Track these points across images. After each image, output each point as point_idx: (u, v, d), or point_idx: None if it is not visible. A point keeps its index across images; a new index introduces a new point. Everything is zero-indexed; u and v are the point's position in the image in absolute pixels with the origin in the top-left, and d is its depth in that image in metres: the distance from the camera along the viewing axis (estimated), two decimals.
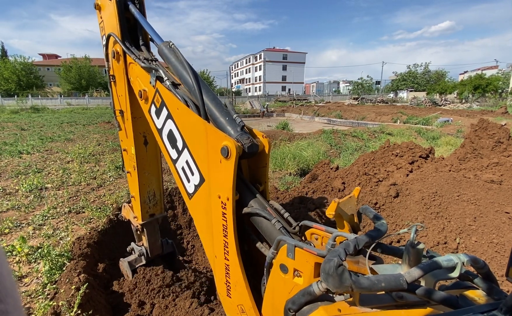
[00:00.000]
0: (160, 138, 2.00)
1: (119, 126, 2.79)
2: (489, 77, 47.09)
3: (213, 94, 1.83)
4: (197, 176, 1.71)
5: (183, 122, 1.76)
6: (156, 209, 3.12)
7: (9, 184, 5.86)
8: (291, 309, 1.15)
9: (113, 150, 9.27)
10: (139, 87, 2.14)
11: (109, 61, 2.56)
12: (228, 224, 1.52)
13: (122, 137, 2.83)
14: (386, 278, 0.94)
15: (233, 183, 1.46)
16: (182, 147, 1.80)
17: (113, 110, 2.74)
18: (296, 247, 1.26)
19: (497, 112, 21.15)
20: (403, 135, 12.86)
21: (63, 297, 2.63)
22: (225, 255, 1.60)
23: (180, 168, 1.85)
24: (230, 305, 1.69)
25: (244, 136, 1.55)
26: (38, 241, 3.73)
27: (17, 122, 18.11)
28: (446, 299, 0.97)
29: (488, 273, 1.10)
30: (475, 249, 3.18)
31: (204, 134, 1.58)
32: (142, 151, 2.79)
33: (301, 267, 1.26)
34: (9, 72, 50.87)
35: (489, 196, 3.68)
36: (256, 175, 1.80)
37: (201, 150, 1.64)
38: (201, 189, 1.71)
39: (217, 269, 1.72)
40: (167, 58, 2.01)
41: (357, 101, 45.74)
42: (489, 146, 4.85)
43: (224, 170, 1.47)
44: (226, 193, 1.50)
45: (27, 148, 9.22)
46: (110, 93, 2.72)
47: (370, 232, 1.20)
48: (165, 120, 1.91)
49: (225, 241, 1.56)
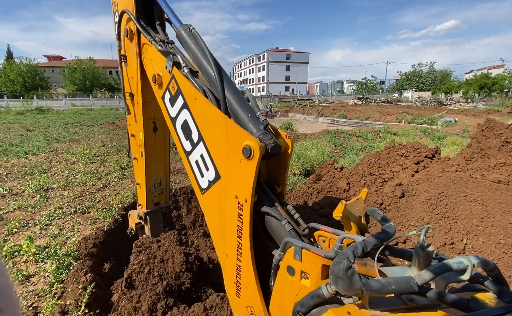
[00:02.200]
0: (173, 127, 1.89)
1: (128, 110, 2.65)
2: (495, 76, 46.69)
3: (234, 87, 1.71)
4: (212, 171, 1.64)
5: (201, 114, 1.67)
6: (161, 197, 3.05)
7: (15, 184, 5.92)
8: (300, 311, 1.15)
9: (118, 151, 9.32)
10: (153, 71, 2.02)
11: (120, 39, 2.38)
12: (244, 225, 1.47)
13: (130, 121, 2.70)
14: (396, 280, 0.94)
15: (253, 185, 1.40)
16: (197, 140, 1.72)
17: (122, 92, 2.63)
18: (303, 249, 1.26)
19: (503, 112, 20.92)
20: (408, 136, 12.78)
21: (71, 296, 2.65)
22: (237, 256, 1.55)
23: (194, 161, 1.77)
24: (239, 305, 1.67)
25: (267, 136, 1.46)
26: (45, 241, 3.77)
27: (23, 123, 18.30)
28: (457, 302, 0.96)
29: (498, 275, 1.09)
30: (482, 249, 3.15)
31: (224, 130, 1.50)
32: (151, 138, 2.67)
33: (308, 269, 1.25)
34: (14, 74, 51.44)
35: (496, 196, 3.64)
36: (274, 175, 1.73)
37: (219, 146, 1.56)
38: (215, 185, 1.64)
39: (227, 267, 1.68)
40: (186, 43, 1.86)
41: (361, 101, 45.53)
42: (496, 146, 4.80)
43: (244, 171, 1.41)
44: (244, 195, 1.44)
45: (32, 149, 9.31)
46: (120, 74, 2.58)
47: (378, 234, 1.19)
48: (180, 109, 1.80)
49: (238, 242, 1.52)
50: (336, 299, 1.12)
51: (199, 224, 5.74)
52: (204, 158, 1.69)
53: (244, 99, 1.65)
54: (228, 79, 1.70)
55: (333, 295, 1.06)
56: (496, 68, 67.23)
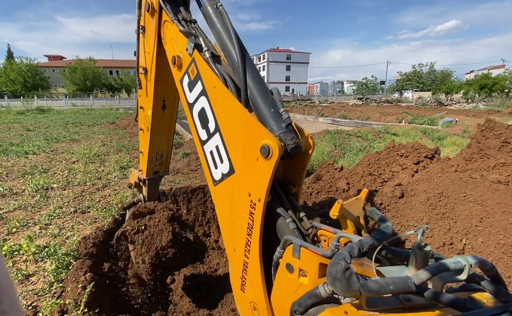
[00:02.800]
0: (189, 113, 1.82)
1: (140, 85, 2.69)
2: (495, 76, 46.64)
3: (259, 77, 1.61)
4: (226, 165, 1.59)
5: (219, 105, 1.59)
6: (161, 167, 3.26)
7: (15, 184, 5.93)
8: (297, 311, 1.15)
9: (118, 151, 9.33)
10: (173, 52, 1.92)
11: (141, 8, 2.30)
12: (254, 224, 1.44)
13: (141, 94, 2.77)
14: (394, 280, 0.94)
15: (269, 186, 1.35)
16: (213, 131, 1.64)
17: (136, 65, 2.61)
18: (302, 246, 1.26)
19: (504, 112, 20.91)
20: (408, 136, 12.77)
21: (70, 296, 2.66)
22: (245, 252, 1.53)
23: (209, 151, 1.71)
24: (242, 299, 1.66)
25: (288, 135, 1.39)
26: (45, 240, 3.77)
27: (23, 123, 18.32)
28: (454, 302, 0.96)
29: (496, 276, 1.09)
30: (481, 250, 3.15)
31: (243, 124, 1.43)
32: (159, 115, 2.73)
33: (306, 267, 1.26)
34: (15, 74, 51.46)
35: (495, 197, 3.64)
36: (291, 175, 1.66)
37: (236, 140, 1.50)
38: (229, 179, 1.60)
39: (233, 261, 1.66)
40: (212, 21, 1.73)
41: (362, 101, 45.52)
42: (496, 146, 4.80)
43: (260, 170, 1.36)
44: (258, 194, 1.39)
45: (33, 149, 9.32)
46: (136, 46, 2.54)
47: (374, 235, 1.19)
48: (198, 96, 1.72)
49: (248, 239, 1.50)
50: (333, 299, 1.13)
51: (199, 224, 5.75)
52: (219, 150, 1.63)
53: (268, 92, 1.55)
54: (253, 67, 1.60)
55: (330, 294, 1.06)
56: (497, 69, 67.16)
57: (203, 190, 5.87)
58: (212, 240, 5.62)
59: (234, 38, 1.58)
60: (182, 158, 7.58)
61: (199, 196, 5.84)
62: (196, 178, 6.43)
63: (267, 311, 1.49)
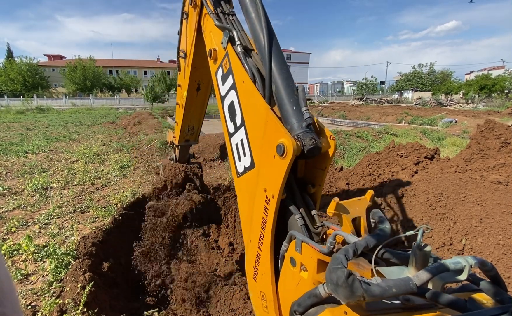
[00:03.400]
0: (221, 105, 1.87)
1: (179, 68, 2.90)
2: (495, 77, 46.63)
3: (286, 71, 1.59)
4: (248, 159, 1.63)
5: (245, 99, 1.63)
6: (191, 137, 3.71)
7: (15, 183, 5.92)
8: (297, 311, 1.15)
9: (118, 150, 9.32)
10: (210, 44, 1.97)
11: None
12: (268, 219, 1.49)
13: (180, 74, 3.01)
14: (396, 283, 0.93)
15: (282, 184, 1.37)
16: (240, 124, 1.68)
17: (177, 48, 2.77)
18: (303, 241, 1.29)
19: (503, 113, 20.91)
20: (408, 136, 12.78)
21: (69, 295, 2.65)
22: (259, 244, 1.59)
23: (235, 144, 1.75)
24: (254, 288, 1.73)
25: (307, 136, 1.38)
26: (44, 240, 3.77)
27: (23, 122, 18.30)
28: (454, 302, 0.96)
29: (496, 276, 1.09)
30: (481, 250, 3.15)
31: (264, 121, 1.47)
32: (193, 96, 2.97)
33: (306, 261, 1.29)
34: (15, 73, 51.41)
35: (495, 197, 3.64)
36: (311, 175, 1.66)
37: (257, 136, 1.53)
38: (249, 173, 1.64)
39: (249, 251, 1.73)
40: (247, 11, 1.73)
41: (362, 101, 45.54)
42: (496, 147, 4.80)
43: (276, 167, 1.38)
44: (272, 191, 1.43)
45: (32, 148, 9.31)
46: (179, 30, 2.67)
47: (370, 236, 1.19)
48: (229, 89, 1.76)
49: (262, 232, 1.55)
50: (333, 299, 1.12)
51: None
52: (243, 143, 1.67)
53: (293, 89, 1.54)
54: (281, 61, 1.58)
55: (330, 294, 1.06)
56: (497, 69, 67.17)
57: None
58: (211, 240, 5.62)
59: (264, 28, 1.57)
60: None
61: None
62: None
63: (274, 302, 1.55)
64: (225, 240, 5.74)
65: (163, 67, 67.99)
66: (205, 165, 7.18)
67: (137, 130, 13.26)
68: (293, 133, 1.39)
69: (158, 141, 9.34)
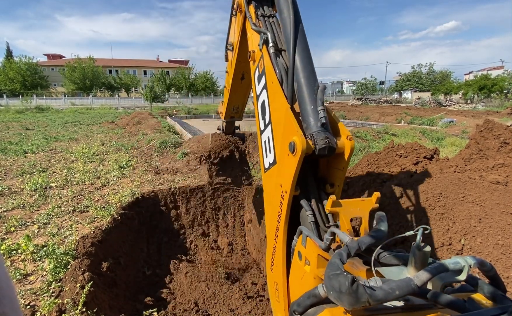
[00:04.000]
0: (256, 103, 1.99)
1: (226, 58, 3.20)
2: (494, 77, 46.63)
3: (309, 70, 1.62)
4: (272, 155, 1.72)
5: (273, 99, 1.73)
6: (236, 115, 4.28)
7: (14, 183, 5.91)
8: (296, 311, 1.15)
9: (117, 150, 9.31)
10: (251, 46, 2.11)
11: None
12: (282, 213, 1.57)
13: (228, 63, 3.27)
14: (398, 284, 0.93)
15: (293, 180, 1.45)
16: (268, 122, 1.79)
17: (226, 40, 3.00)
18: (307, 236, 1.35)
19: (502, 113, 20.92)
20: (407, 136, 12.78)
21: (68, 295, 2.65)
22: (275, 237, 1.68)
23: (263, 140, 1.86)
24: (270, 277, 1.84)
25: (321, 135, 1.42)
26: (43, 240, 3.76)
27: (22, 122, 18.26)
28: (453, 303, 0.96)
29: (495, 276, 1.09)
30: (480, 250, 3.15)
31: (283, 120, 1.56)
32: (237, 83, 3.29)
33: (309, 256, 1.34)
34: (14, 73, 51.21)
35: (494, 197, 3.64)
36: (330, 175, 1.70)
37: (279, 134, 1.63)
38: (272, 169, 1.74)
39: (268, 243, 1.83)
40: (280, 11, 1.81)
41: (361, 101, 45.54)
42: (495, 147, 4.80)
43: (288, 164, 1.47)
44: (285, 186, 1.52)
45: (31, 148, 9.29)
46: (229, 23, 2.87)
47: (362, 238, 1.20)
48: (262, 89, 1.87)
49: (277, 225, 1.64)
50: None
51: (198, 223, 5.74)
52: (269, 141, 1.76)
53: (314, 88, 1.58)
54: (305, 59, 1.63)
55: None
56: (496, 70, 67.21)
57: (202, 190, 5.87)
58: (211, 240, 5.62)
59: (292, 29, 1.62)
60: (182, 158, 7.57)
61: (198, 195, 5.83)
62: (195, 177, 6.42)
63: (284, 293, 1.64)
64: (224, 240, 5.74)
65: (163, 66, 67.96)
66: (204, 165, 7.17)
67: (137, 130, 13.24)
68: (308, 131, 1.46)
69: (157, 141, 9.33)
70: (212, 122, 20.53)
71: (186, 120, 22.01)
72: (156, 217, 5.37)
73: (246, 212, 6.01)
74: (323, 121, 1.46)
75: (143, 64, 77.85)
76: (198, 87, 59.17)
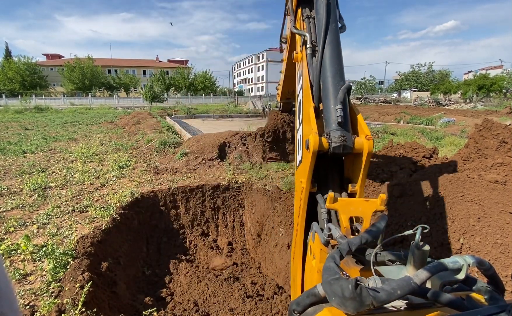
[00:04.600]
0: (297, 102, 2.06)
1: (281, 50, 3.66)
2: (493, 77, 46.74)
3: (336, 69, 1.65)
4: (300, 153, 1.77)
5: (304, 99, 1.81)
6: (292, 96, 4.71)
7: (13, 183, 5.90)
8: (296, 310, 1.15)
9: (116, 150, 9.30)
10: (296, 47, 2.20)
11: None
12: (300, 207, 1.63)
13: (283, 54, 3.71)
14: (399, 284, 0.93)
15: (309, 176, 1.50)
16: (300, 121, 1.85)
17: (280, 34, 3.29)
18: (316, 232, 1.40)
19: (501, 112, 20.95)
20: (406, 135, 12.79)
21: (68, 295, 2.65)
22: (295, 231, 1.76)
23: (297, 138, 1.92)
24: (292, 269, 1.92)
25: (336, 134, 1.45)
26: (43, 240, 3.76)
27: (21, 122, 18.22)
28: (453, 301, 0.96)
29: (493, 275, 1.09)
30: (479, 249, 3.16)
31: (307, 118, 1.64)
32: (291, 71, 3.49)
33: (315, 250, 1.40)
34: (13, 72, 51.13)
35: (493, 196, 3.65)
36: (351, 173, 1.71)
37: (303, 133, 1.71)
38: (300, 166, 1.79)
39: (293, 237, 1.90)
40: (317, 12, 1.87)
41: (360, 101, 45.56)
42: (494, 146, 4.81)
43: (305, 160, 1.53)
44: (303, 182, 1.58)
45: (31, 148, 9.28)
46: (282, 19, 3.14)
47: (353, 239, 1.20)
48: (300, 89, 1.95)
49: (297, 220, 1.71)
50: None
51: (197, 223, 5.74)
52: (300, 139, 1.82)
53: (338, 87, 1.61)
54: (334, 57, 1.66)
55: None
56: (495, 69, 67.27)
57: (201, 190, 5.87)
58: (210, 240, 5.62)
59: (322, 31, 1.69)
60: (181, 157, 7.56)
61: (198, 195, 5.83)
62: (194, 177, 6.42)
63: (299, 285, 1.73)
64: (224, 240, 5.74)
65: (162, 66, 67.93)
66: (204, 165, 7.17)
67: (136, 130, 13.23)
68: (327, 129, 1.52)
69: (157, 140, 9.32)
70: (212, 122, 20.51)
71: (185, 120, 21.97)
72: (155, 216, 5.38)
73: (245, 212, 6.02)
74: (339, 120, 1.47)
75: (142, 64, 77.77)
76: (198, 87, 59.18)
